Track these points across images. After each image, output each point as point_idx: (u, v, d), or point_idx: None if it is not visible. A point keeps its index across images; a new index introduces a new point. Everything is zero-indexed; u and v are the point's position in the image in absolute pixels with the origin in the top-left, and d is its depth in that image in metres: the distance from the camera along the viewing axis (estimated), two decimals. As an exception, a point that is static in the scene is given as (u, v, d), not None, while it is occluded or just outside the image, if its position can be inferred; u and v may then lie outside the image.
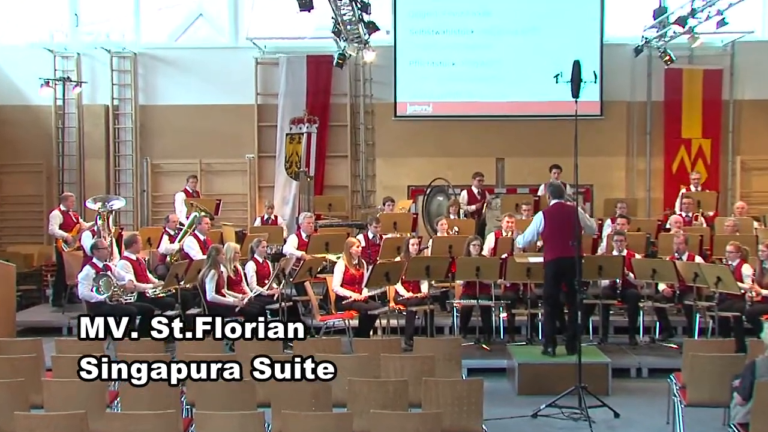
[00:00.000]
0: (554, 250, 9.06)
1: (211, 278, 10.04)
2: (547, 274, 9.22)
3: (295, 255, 11.44)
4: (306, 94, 15.81)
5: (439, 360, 7.44)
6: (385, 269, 9.83)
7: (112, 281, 9.87)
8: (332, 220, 14.36)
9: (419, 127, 15.95)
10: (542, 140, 15.47)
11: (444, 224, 11.99)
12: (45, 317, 12.06)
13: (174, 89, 16.05)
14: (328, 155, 16.01)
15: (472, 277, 10.06)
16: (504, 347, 9.85)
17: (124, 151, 16.23)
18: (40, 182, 16.01)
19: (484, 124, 15.76)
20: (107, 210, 11.29)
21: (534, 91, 15.44)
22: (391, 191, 14.93)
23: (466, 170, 14.37)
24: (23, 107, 15.98)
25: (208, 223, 11.77)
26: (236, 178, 16.12)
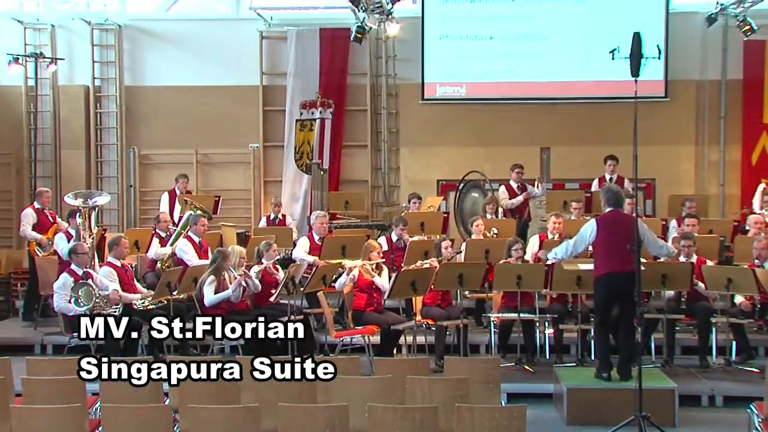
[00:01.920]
0: (608, 262, 9.04)
1: (209, 284, 10.10)
2: (597, 291, 9.23)
3: (307, 260, 11.47)
4: (319, 73, 15.86)
5: (475, 383, 7.43)
6: (411, 277, 9.84)
7: (93, 291, 9.91)
8: (349, 220, 14.37)
9: (451, 112, 15.93)
10: (595, 126, 15.42)
11: (480, 225, 11.98)
12: (14, 333, 12.12)
13: (165, 68, 16.15)
14: (345, 145, 16.04)
15: (513, 287, 10.04)
16: (550, 369, 9.81)
17: (108, 139, 16.34)
18: (9, 176, 16.13)
19: (526, 108, 15.72)
20: (89, 207, 11.32)
21: (586, 69, 15.38)
22: (417, 186, 14.93)
23: (506, 162, 14.33)
24: (-13, 88, 16.15)
25: (205, 223, 11.80)
26: (238, 172, 16.19)
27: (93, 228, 11.28)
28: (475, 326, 11.25)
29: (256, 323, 8.21)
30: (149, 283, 11.42)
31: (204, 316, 9.84)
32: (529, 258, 11.17)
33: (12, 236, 15.56)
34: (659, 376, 9.32)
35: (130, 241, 11.54)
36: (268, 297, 10.49)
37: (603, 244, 9.12)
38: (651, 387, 8.51)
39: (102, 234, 12.13)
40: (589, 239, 9.21)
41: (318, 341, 10.82)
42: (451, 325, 10.34)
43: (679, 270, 9.98)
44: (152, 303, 10.28)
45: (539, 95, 15.67)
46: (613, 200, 9.26)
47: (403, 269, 10.32)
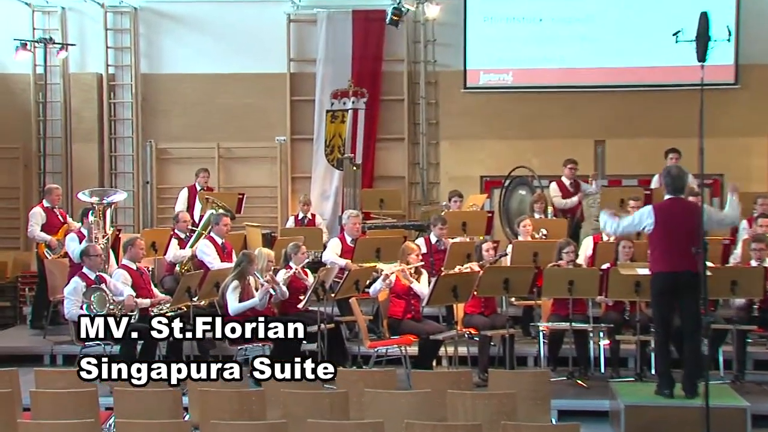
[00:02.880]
0: (665, 260, 8.87)
1: (233, 290, 10.14)
2: (654, 290, 9.03)
3: (338, 264, 11.49)
4: (351, 59, 15.89)
5: (522, 399, 7.41)
6: (453, 283, 9.81)
7: (107, 296, 9.98)
8: (384, 221, 14.37)
9: (496, 102, 15.89)
10: (656, 117, 15.33)
11: (527, 225, 11.93)
12: (22, 342, 12.22)
13: (184, 54, 16.24)
14: (380, 138, 16.05)
15: (564, 294, 9.99)
16: (606, 384, 9.73)
17: (122, 132, 16.47)
18: (16, 172, 16.29)
19: (579, 97, 15.65)
20: (104, 205, 11.37)
21: (645, 54, 15.30)
22: (459, 183, 14.93)
23: (556, 156, 14.30)
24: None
25: (228, 223, 11.84)
26: (263, 167, 16.26)
27: (107, 228, 11.34)
28: (522, 336, 11.21)
29: (255, 323, 8.98)
30: (167, 288, 11.48)
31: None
32: (581, 261, 11.11)
33: (19, 237, 15.69)
34: (728, 393, 9.19)
35: (147, 243, 11.61)
36: (296, 304, 10.49)
37: (660, 238, 8.83)
38: (719, 405, 8.39)
39: (116, 235, 12.22)
40: (642, 225, 8.95)
41: (350, 352, 10.83)
42: (495, 335, 10.31)
43: (750, 275, 9.87)
44: (171, 310, 10.34)
45: (593, 83, 15.59)
46: (672, 185, 8.90)
47: (444, 273, 10.29)
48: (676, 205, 8.92)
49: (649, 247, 9.14)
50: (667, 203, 8.99)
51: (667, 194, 9.02)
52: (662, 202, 9.12)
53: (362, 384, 7.57)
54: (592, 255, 11.38)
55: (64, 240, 12.10)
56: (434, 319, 11.01)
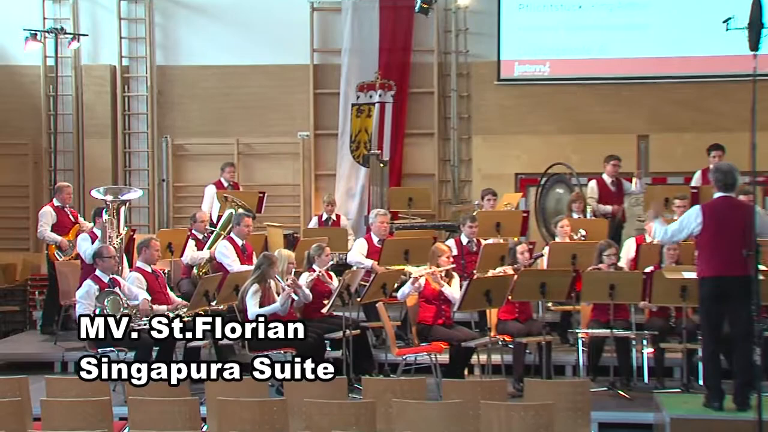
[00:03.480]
0: (714, 263, 8.80)
1: (253, 294, 10.14)
2: (703, 296, 8.96)
3: (364, 264, 11.50)
4: (378, 50, 15.92)
5: (560, 410, 7.40)
6: (486, 286, 9.78)
7: (121, 301, 10.01)
8: (413, 220, 14.37)
9: (532, 94, 15.87)
10: (703, 110, 15.28)
11: (565, 226, 11.88)
12: (32, 348, 12.31)
13: (202, 45, 16.30)
14: (408, 133, 16.06)
15: (605, 299, 9.94)
16: (650, 395, 9.69)
17: (137, 127, 16.56)
18: (25, 169, 16.41)
19: (621, 89, 15.61)
20: (118, 202, 11.41)
21: (692, 43, 15.25)
22: (492, 181, 14.91)
23: (596, 152, 14.23)
24: (1, 68, 16.42)
25: (249, 224, 11.84)
26: (285, 164, 16.30)
27: (121, 228, 11.37)
28: (559, 343, 11.20)
29: (256, 323, 9.40)
30: (184, 292, 11.52)
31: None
32: (623, 264, 11.06)
33: (29, 238, 15.81)
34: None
35: (163, 244, 11.61)
36: (320, 309, 10.49)
37: (709, 239, 8.73)
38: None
39: (131, 235, 12.25)
40: (691, 229, 8.89)
41: (377, 360, 10.83)
42: (531, 342, 10.30)
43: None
44: (188, 315, 10.35)
45: (636, 74, 15.56)
46: (723, 181, 8.77)
47: (476, 277, 10.27)
48: (726, 204, 8.81)
49: (696, 249, 9.08)
50: (716, 202, 8.88)
51: (717, 192, 8.94)
52: (711, 201, 9.01)
53: (390, 394, 7.58)
54: (635, 257, 11.32)
55: (75, 241, 12.16)
56: (466, 325, 11.01)
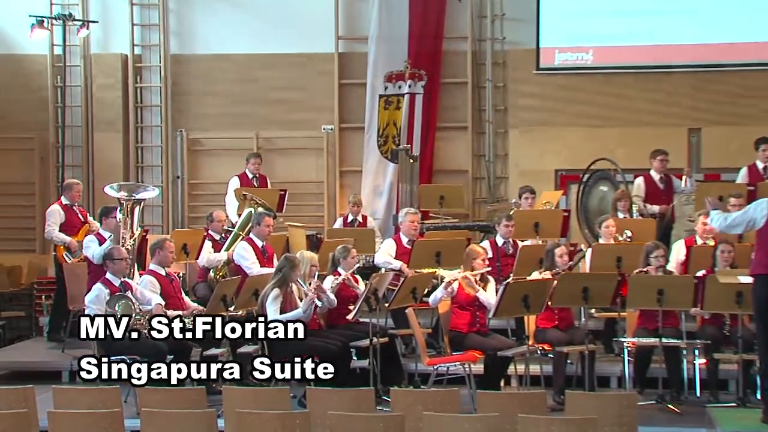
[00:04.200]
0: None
1: (273, 300, 10.14)
2: (757, 298, 8.95)
3: (393, 266, 11.52)
4: (408, 38, 15.93)
5: (604, 425, 7.38)
6: (523, 291, 9.77)
7: (133, 305, 10.05)
8: (445, 220, 14.37)
9: (573, 84, 15.85)
10: (761, 101, 15.23)
11: (611, 226, 11.83)
12: (38, 356, 12.38)
13: (219, 32, 16.36)
14: (440, 126, 16.07)
15: (653, 305, 9.90)
16: (702, 410, 9.69)
17: (150, 120, 16.65)
18: (32, 165, 16.53)
19: (670, 79, 15.57)
20: (133, 200, 11.42)
21: (749, 28, 15.24)
22: (531, 178, 14.89)
23: (643, 146, 14.20)
24: (6, 57, 16.52)
25: (270, 224, 11.86)
26: (308, 160, 16.35)
27: (135, 228, 11.38)
28: (603, 353, 11.17)
29: (256, 323, 9.48)
30: (200, 297, 11.56)
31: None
32: (673, 268, 11.01)
33: (35, 238, 15.92)
34: None
35: (177, 245, 11.63)
36: (345, 315, 10.52)
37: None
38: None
39: (143, 236, 12.23)
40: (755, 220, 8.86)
41: (406, 370, 10.83)
42: (573, 351, 10.26)
43: None
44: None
45: (687, 62, 15.49)
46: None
47: (513, 281, 10.25)
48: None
49: (755, 246, 9.05)
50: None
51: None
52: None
53: (420, 406, 7.57)
54: (686, 260, 11.27)
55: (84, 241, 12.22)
56: (502, 333, 10.99)
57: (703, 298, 9.93)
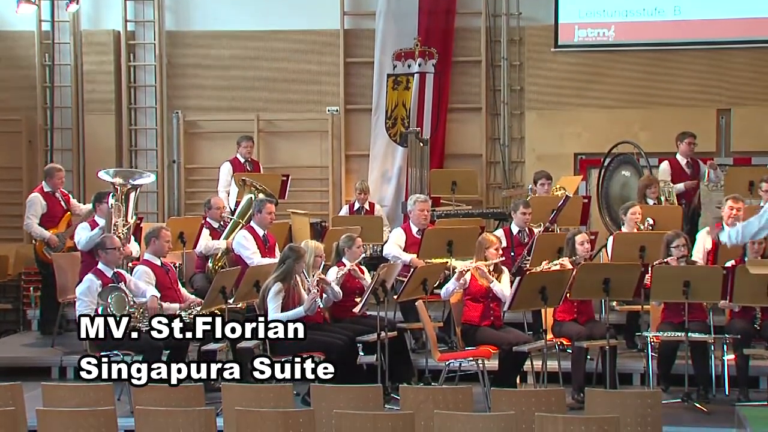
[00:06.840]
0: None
1: (275, 295, 10.14)
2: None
3: (402, 259, 11.52)
4: (418, 13, 15.90)
5: (627, 424, 7.41)
6: (540, 283, 9.78)
7: (126, 298, 10.09)
8: (458, 207, 14.39)
9: (594, 63, 15.81)
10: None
11: (637, 213, 11.81)
12: (27, 352, 12.42)
13: (218, 7, 16.34)
14: (452, 107, 16.06)
15: (679, 297, 9.91)
16: (731, 408, 9.70)
17: (144, 101, 16.64)
18: (19, 148, 16.44)
19: (698, 56, 15.51)
20: (128, 186, 11.42)
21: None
22: (548, 163, 14.92)
23: (669, 129, 14.20)
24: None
25: (272, 211, 11.88)
26: (312, 143, 16.34)
27: (129, 216, 11.38)
28: (625, 348, 11.20)
29: (256, 323, 9.66)
30: (198, 288, 11.60)
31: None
32: (699, 258, 11.00)
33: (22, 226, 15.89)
34: None
35: (174, 234, 11.63)
36: (351, 308, 10.54)
37: None
38: None
39: (137, 224, 12.22)
40: None
41: (416, 366, 10.86)
42: (593, 346, 10.28)
43: None
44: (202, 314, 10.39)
45: (715, 38, 15.44)
46: None
47: (529, 271, 10.27)
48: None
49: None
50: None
51: None
52: None
53: (431, 404, 7.61)
54: (713, 250, 11.27)
55: (68, 232, 12.22)
56: (518, 326, 11.01)
57: (732, 290, 9.94)
